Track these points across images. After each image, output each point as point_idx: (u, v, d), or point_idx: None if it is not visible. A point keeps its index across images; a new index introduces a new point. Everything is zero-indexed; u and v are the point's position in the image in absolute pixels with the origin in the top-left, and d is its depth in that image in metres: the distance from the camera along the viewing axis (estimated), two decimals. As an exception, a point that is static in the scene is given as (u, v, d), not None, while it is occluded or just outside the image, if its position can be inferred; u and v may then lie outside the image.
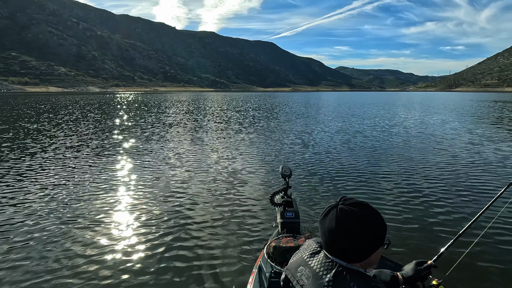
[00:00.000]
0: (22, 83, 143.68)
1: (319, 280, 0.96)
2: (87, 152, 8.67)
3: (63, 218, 4.26)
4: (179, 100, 49.17)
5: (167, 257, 3.36)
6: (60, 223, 4.11)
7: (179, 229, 4.01)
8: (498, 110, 26.56)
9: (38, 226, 4.01)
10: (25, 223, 4.08)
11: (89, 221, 4.17)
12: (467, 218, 4.23)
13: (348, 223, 0.95)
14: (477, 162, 7.62)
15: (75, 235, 3.79)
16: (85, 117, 18.88)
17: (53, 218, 4.27)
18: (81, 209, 4.55)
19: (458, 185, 5.78)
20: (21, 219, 4.19)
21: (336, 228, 0.95)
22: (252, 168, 7.16)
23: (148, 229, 3.99)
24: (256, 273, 2.00)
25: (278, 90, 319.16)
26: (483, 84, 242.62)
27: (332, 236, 0.97)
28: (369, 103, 40.29)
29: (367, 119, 18.69)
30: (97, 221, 4.20)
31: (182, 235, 3.86)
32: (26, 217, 4.27)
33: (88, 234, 3.80)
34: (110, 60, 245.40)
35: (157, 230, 3.97)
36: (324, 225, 0.99)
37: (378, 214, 1.00)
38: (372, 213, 0.98)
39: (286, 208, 2.47)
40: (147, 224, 4.13)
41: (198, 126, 14.92)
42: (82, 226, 4.04)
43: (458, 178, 6.24)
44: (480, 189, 5.56)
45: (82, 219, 4.25)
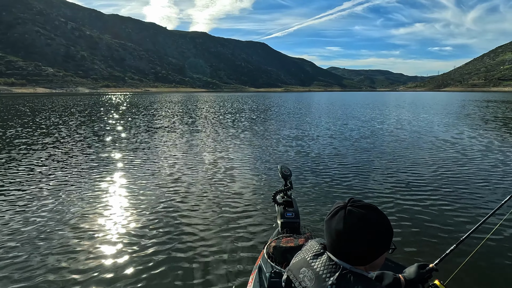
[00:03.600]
0: (8, 83, 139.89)
1: (322, 282, 0.94)
2: (76, 161, 8.32)
3: (55, 217, 4.27)
4: (171, 100, 48.62)
5: (167, 257, 3.35)
6: (54, 222, 4.12)
7: (179, 230, 4.00)
8: (500, 111, 26.24)
9: (35, 221, 4.02)
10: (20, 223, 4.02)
11: (79, 225, 4.08)
12: (471, 222, 4.22)
13: (356, 225, 0.93)
14: (484, 166, 7.32)
15: (66, 238, 3.73)
16: (68, 121, 18.37)
17: (48, 217, 4.27)
18: (72, 212, 4.48)
19: (463, 189, 5.65)
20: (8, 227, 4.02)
21: (343, 230, 0.94)
22: (252, 168, 7.08)
23: (147, 229, 3.99)
24: (256, 273, 2.00)
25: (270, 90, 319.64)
26: (470, 84, 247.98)
27: (339, 237, 0.95)
28: (363, 104, 40.47)
29: (365, 120, 18.64)
30: (92, 223, 4.14)
31: (182, 235, 3.86)
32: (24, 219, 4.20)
33: (79, 242, 3.67)
34: (100, 60, 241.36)
35: (156, 230, 3.96)
36: (330, 225, 0.98)
37: (386, 218, 0.98)
38: (380, 217, 0.97)
39: (286, 208, 2.47)
40: (147, 225, 4.13)
41: (192, 128, 14.64)
42: (71, 232, 3.91)
43: (463, 182, 6.10)
44: (485, 194, 5.40)
45: (72, 221, 4.19)
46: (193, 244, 3.64)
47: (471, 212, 4.57)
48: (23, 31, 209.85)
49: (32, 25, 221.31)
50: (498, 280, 3.03)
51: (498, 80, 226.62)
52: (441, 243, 3.63)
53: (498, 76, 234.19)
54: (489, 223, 3.33)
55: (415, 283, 1.32)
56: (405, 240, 3.71)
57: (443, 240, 3.74)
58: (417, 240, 3.73)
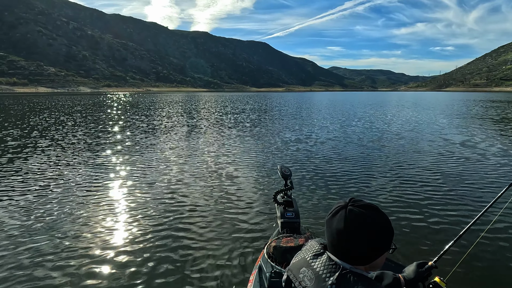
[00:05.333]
0: (11, 83, 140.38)
1: (322, 282, 0.94)
2: (76, 161, 8.30)
3: (57, 216, 4.31)
4: (172, 100, 48.64)
5: (167, 257, 3.35)
6: (54, 221, 4.15)
7: (179, 230, 3.99)
8: (500, 110, 26.36)
9: (33, 222, 4.03)
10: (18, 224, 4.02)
11: (80, 225, 4.09)
12: (468, 217, 4.28)
13: (357, 225, 0.93)
14: (478, 162, 7.62)
15: (65, 239, 3.71)
16: (70, 120, 18.38)
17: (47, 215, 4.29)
18: (73, 211, 4.47)
19: (459, 185, 5.81)
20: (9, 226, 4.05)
21: (344, 229, 0.94)
22: (251, 168, 7.06)
23: (147, 229, 3.99)
24: (256, 273, 2.00)
25: (271, 90, 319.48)
26: (472, 84, 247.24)
27: (339, 236, 0.95)
28: (365, 104, 40.39)
29: (365, 120, 18.58)
30: (93, 223, 4.14)
31: (182, 235, 3.86)
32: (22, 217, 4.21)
33: (79, 240, 3.67)
34: (101, 60, 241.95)
35: (156, 231, 3.96)
36: (331, 225, 0.98)
37: (387, 218, 0.99)
38: (381, 217, 0.97)
39: (286, 208, 2.48)
40: (147, 224, 4.14)
41: (193, 128, 14.62)
42: (71, 232, 3.89)
43: (459, 178, 6.26)
44: (481, 189, 5.59)
45: (73, 221, 4.19)
46: (193, 244, 3.63)
47: (470, 209, 4.62)
48: (25, 31, 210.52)
49: (34, 25, 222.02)
50: (498, 272, 3.06)
51: (500, 80, 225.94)
52: (440, 240, 3.65)
53: (500, 76, 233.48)
54: (486, 217, 3.40)
55: (415, 282, 1.33)
56: (405, 240, 3.72)
57: (442, 237, 3.76)
58: (415, 239, 3.74)
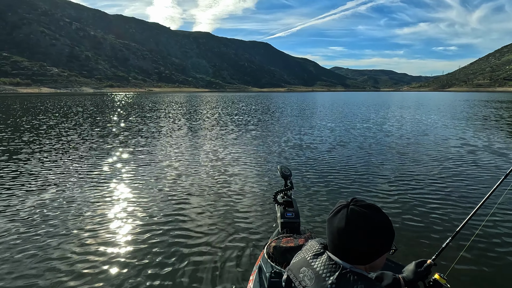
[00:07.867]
0: (14, 83, 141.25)
1: (322, 282, 0.94)
2: (79, 161, 8.29)
3: (57, 215, 4.31)
4: (174, 101, 48.69)
5: (167, 257, 3.35)
6: (53, 221, 4.16)
7: (179, 230, 3.98)
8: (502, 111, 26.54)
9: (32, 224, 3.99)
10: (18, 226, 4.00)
11: (80, 225, 4.06)
12: (465, 213, 4.36)
13: (358, 224, 0.94)
14: (472, 159, 7.84)
15: (67, 237, 3.74)
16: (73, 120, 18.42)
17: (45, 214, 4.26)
18: (73, 212, 4.43)
19: (454, 182, 5.94)
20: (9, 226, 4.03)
21: (345, 229, 0.94)
22: (251, 169, 7.06)
23: (147, 229, 3.99)
24: (256, 273, 2.01)
25: (273, 90, 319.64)
26: (475, 84, 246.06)
27: (340, 235, 0.96)
28: (367, 104, 40.23)
29: (366, 120, 18.47)
30: (92, 223, 4.13)
31: (182, 235, 3.84)
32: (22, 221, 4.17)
33: (80, 244, 3.64)
34: (104, 60, 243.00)
35: (156, 231, 3.96)
36: (332, 224, 0.98)
37: (388, 219, 0.99)
38: (382, 217, 0.97)
39: (286, 208, 2.48)
40: (147, 224, 4.14)
41: (194, 128, 14.60)
42: (73, 234, 3.87)
43: (454, 176, 6.40)
44: (476, 185, 5.72)
45: (73, 221, 4.17)
46: (193, 244, 3.62)
47: (468, 207, 4.69)
48: (28, 31, 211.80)
49: (37, 25, 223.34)
50: (497, 265, 3.10)
51: (503, 80, 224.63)
52: (438, 238, 3.68)
53: (503, 76, 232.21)
54: (483, 211, 3.47)
55: (415, 281, 1.33)
56: (403, 238, 3.73)
57: (440, 234, 3.79)
58: (414, 238, 3.76)
